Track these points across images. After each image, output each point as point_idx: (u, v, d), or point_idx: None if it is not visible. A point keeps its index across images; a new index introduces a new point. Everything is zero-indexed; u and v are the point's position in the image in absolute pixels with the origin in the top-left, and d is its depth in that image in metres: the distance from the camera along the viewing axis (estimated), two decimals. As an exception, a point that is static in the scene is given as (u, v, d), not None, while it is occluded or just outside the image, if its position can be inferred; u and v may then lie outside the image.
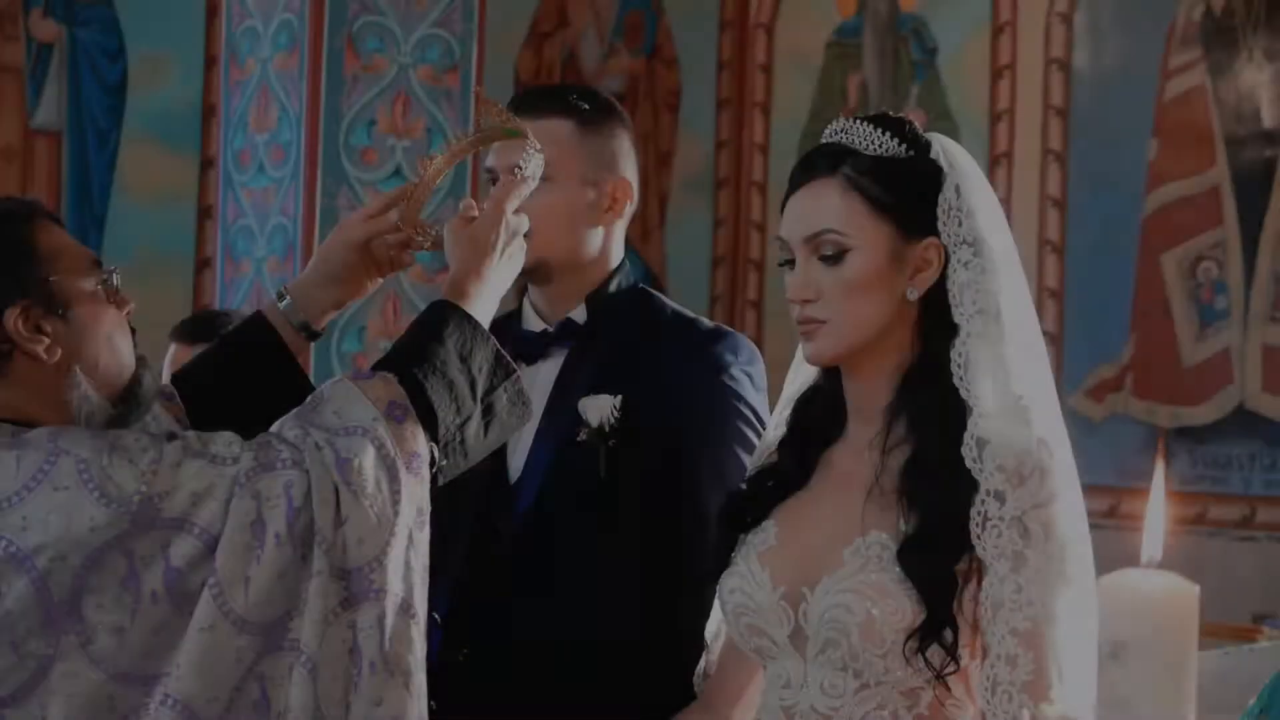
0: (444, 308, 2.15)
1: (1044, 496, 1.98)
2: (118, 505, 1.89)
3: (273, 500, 1.93)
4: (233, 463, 1.94)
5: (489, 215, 2.25)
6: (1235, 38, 6.32)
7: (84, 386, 2.02)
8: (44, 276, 2.00)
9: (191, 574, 1.90)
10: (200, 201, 6.53)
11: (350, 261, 2.33)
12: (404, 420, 2.00)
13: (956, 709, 2.03)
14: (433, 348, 2.09)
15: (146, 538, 1.90)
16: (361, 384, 2.02)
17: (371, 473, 1.95)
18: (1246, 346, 6.24)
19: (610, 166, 2.60)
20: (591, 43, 7.44)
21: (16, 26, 6.32)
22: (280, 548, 1.92)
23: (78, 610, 1.88)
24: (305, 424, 1.99)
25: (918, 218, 2.07)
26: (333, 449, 1.95)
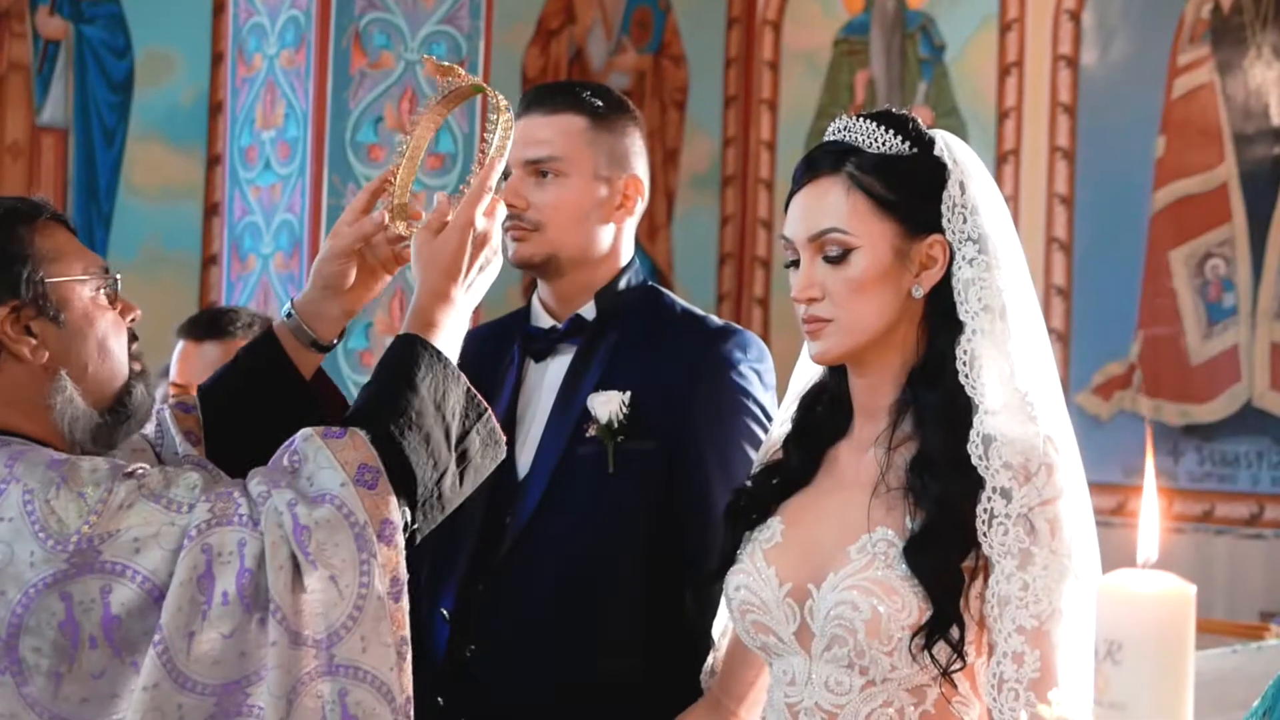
0: (412, 346, 2.05)
1: (1050, 493, 1.98)
2: (55, 543, 1.82)
3: (225, 556, 1.84)
4: (187, 510, 1.86)
5: (455, 226, 2.13)
6: (1244, 35, 6.31)
7: (69, 392, 1.98)
8: (38, 278, 1.97)
9: (132, 622, 1.83)
10: (207, 198, 6.53)
11: (345, 270, 2.25)
12: (375, 485, 1.90)
13: (963, 706, 2.03)
14: (407, 397, 1.99)
15: (85, 581, 1.82)
16: (331, 444, 1.92)
17: (334, 542, 1.86)
18: (1254, 344, 6.23)
19: (622, 163, 2.60)
20: (599, 39, 7.44)
21: (23, 24, 6.32)
22: (228, 606, 1.83)
23: (15, 650, 1.82)
24: (271, 483, 1.90)
25: (922, 215, 2.06)
26: (292, 515, 1.85)
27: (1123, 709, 1.24)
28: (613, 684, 2.50)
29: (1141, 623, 1.25)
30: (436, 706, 2.54)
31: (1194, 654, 1.27)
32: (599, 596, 2.52)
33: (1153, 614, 1.25)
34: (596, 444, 2.51)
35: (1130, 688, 1.24)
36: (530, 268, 2.61)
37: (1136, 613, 1.25)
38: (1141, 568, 1.28)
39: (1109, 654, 1.25)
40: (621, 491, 2.51)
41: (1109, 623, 1.26)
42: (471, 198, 2.15)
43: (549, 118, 2.57)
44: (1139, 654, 1.24)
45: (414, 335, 2.06)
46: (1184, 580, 1.26)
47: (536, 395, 2.59)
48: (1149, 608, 1.25)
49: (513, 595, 2.53)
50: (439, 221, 2.14)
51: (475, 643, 2.52)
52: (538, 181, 2.56)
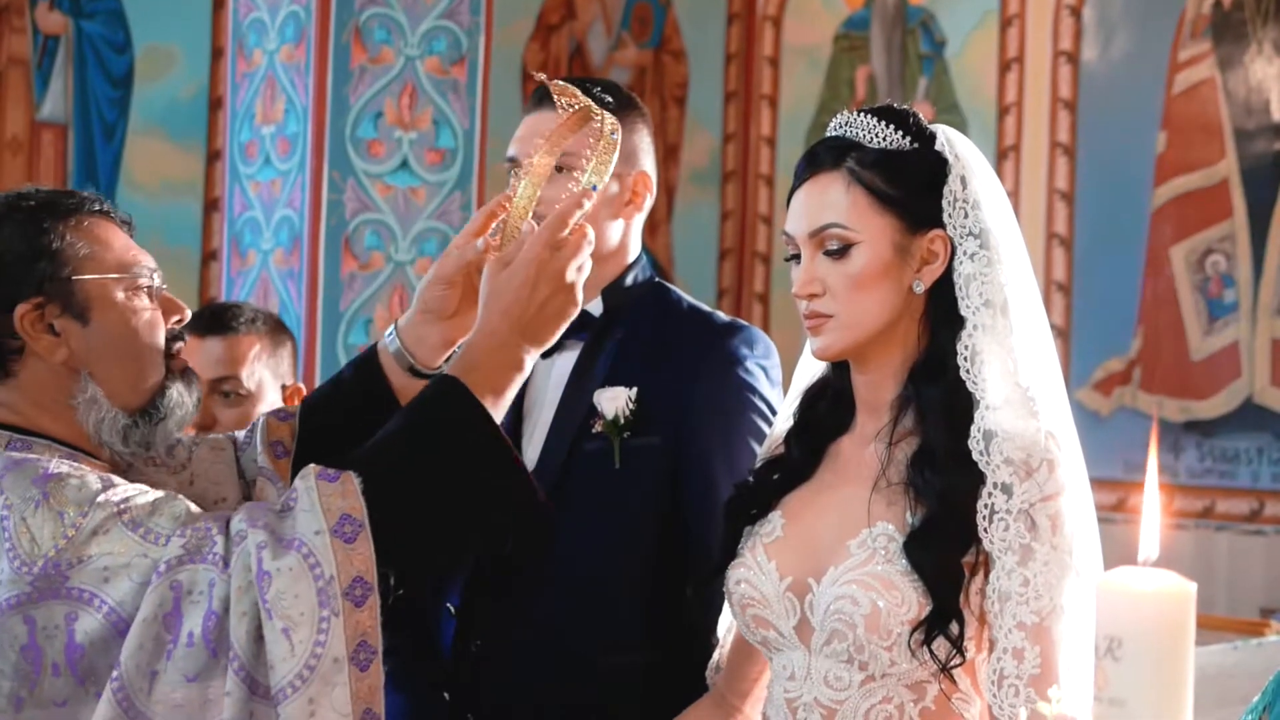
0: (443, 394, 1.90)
1: (1051, 489, 1.97)
2: (21, 564, 1.76)
3: (194, 596, 1.75)
4: (162, 544, 1.77)
5: (523, 260, 1.96)
6: (1245, 31, 6.30)
7: (92, 393, 1.94)
8: (66, 275, 1.93)
9: (95, 653, 1.75)
10: (206, 194, 6.53)
11: (448, 297, 2.13)
12: (354, 539, 1.76)
13: (963, 702, 2.02)
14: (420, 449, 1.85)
15: (50, 606, 1.76)
16: (322, 486, 1.80)
17: (294, 592, 1.73)
18: (1255, 340, 6.23)
19: (631, 160, 2.60)
20: (599, 35, 7.43)
21: (23, 19, 6.32)
22: (194, 648, 1.74)
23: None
24: (251, 521, 1.79)
25: (923, 210, 2.06)
26: (258, 558, 1.75)
27: (1122, 705, 1.24)
28: (618, 679, 2.50)
29: (1142, 619, 1.25)
30: (443, 702, 2.54)
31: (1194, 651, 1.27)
32: (605, 592, 2.52)
33: (1153, 611, 1.25)
34: (603, 440, 2.51)
35: (1130, 684, 1.24)
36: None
37: (1137, 609, 1.25)
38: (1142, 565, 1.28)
39: (1109, 650, 1.25)
40: (627, 487, 2.51)
41: (1109, 619, 1.26)
42: (545, 230, 1.98)
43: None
44: (1139, 651, 1.24)
45: (453, 379, 1.92)
46: (1184, 578, 1.26)
47: (543, 391, 2.59)
48: (1149, 605, 1.25)
49: (519, 590, 2.53)
50: (513, 252, 1.98)
51: (481, 638, 2.52)
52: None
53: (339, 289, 5.17)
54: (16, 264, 1.92)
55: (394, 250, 5.22)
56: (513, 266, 1.96)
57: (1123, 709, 1.24)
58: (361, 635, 1.75)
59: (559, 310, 1.98)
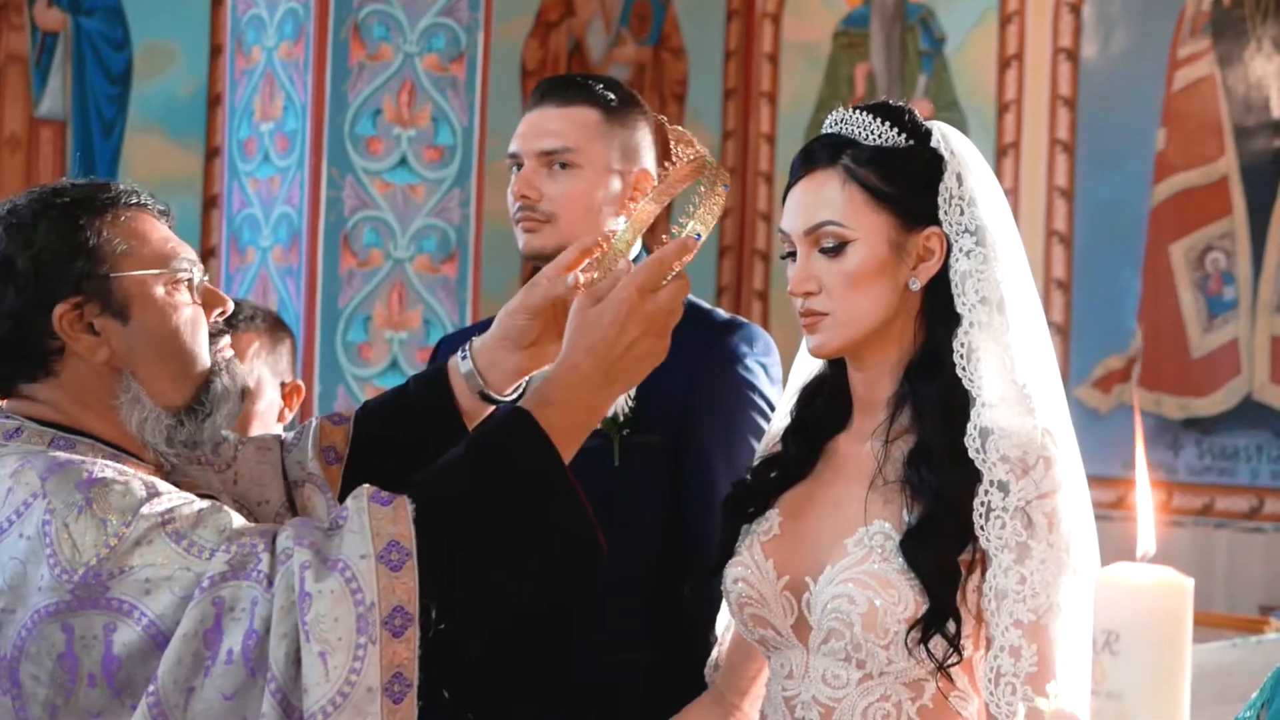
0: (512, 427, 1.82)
1: (1048, 486, 1.97)
2: (62, 571, 1.72)
3: (236, 613, 1.70)
4: (207, 557, 1.73)
5: (615, 299, 1.88)
6: (1244, 28, 6.30)
7: (135, 392, 1.90)
8: (104, 273, 1.88)
9: (132, 665, 1.71)
10: (205, 191, 6.53)
11: (529, 327, 2.08)
12: (400, 568, 1.70)
13: (960, 700, 2.02)
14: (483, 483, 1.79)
15: (89, 616, 1.72)
16: (374, 509, 1.74)
17: (334, 616, 1.68)
18: (1254, 337, 6.22)
19: (634, 157, 2.61)
20: (598, 32, 7.43)
21: (21, 16, 6.31)
22: (233, 665, 1.69)
23: (16, 672, 1.74)
24: (298, 539, 1.74)
25: (919, 207, 2.05)
26: (301, 579, 1.69)
27: (1120, 699, 1.24)
28: (618, 677, 2.50)
29: (1139, 614, 1.25)
30: (443, 700, 2.54)
31: (1191, 646, 1.27)
32: (604, 589, 2.52)
33: (1150, 605, 1.25)
34: (602, 437, 2.51)
35: (1127, 678, 1.24)
36: (541, 259, 2.61)
37: (1134, 604, 1.25)
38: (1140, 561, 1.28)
39: (1106, 645, 1.25)
40: (627, 485, 2.51)
41: (1107, 614, 1.26)
42: (642, 272, 1.90)
43: (562, 110, 2.58)
44: (1136, 645, 1.24)
45: (525, 413, 1.84)
46: (1181, 573, 1.26)
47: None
48: (1146, 599, 1.25)
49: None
50: (606, 289, 1.90)
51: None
52: (550, 173, 2.57)
53: (338, 286, 5.17)
54: (53, 263, 1.87)
55: (393, 247, 5.22)
56: (604, 304, 1.88)
57: (1120, 703, 1.24)
58: (398, 667, 1.70)
59: (646, 353, 1.90)
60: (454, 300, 5.30)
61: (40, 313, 1.87)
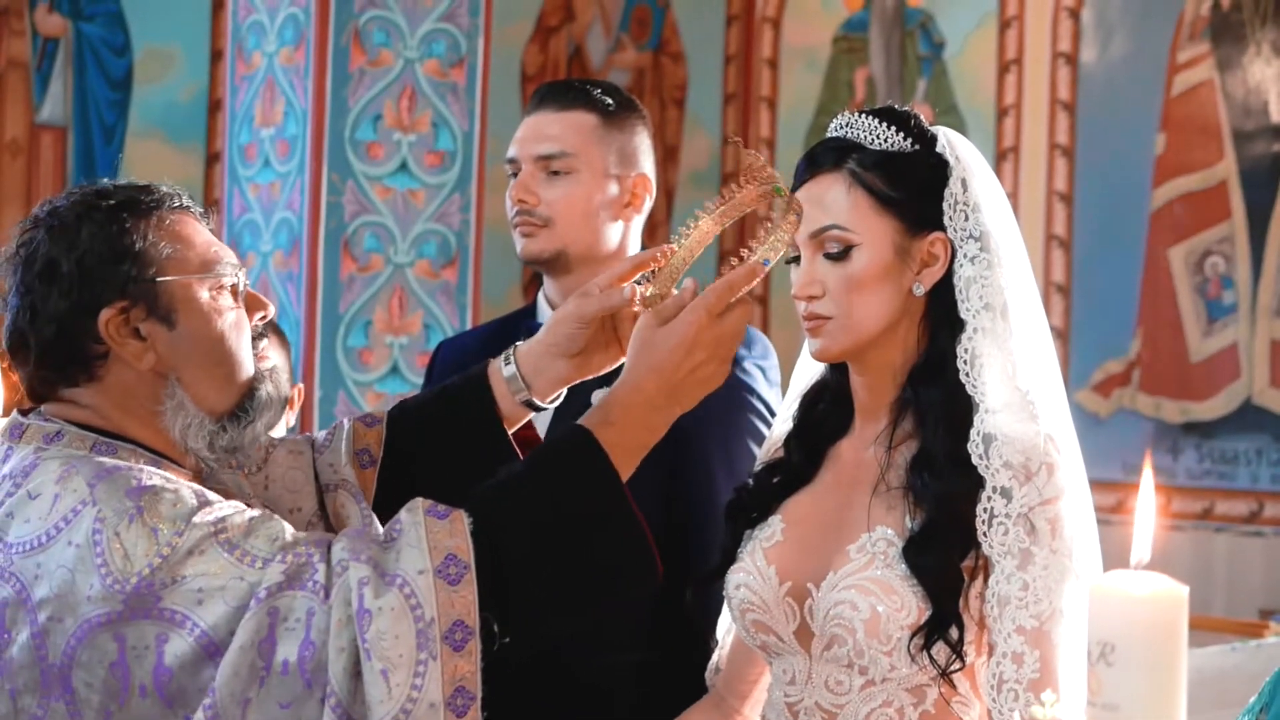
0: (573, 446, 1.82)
1: (1051, 492, 1.97)
2: (114, 581, 1.70)
3: (290, 624, 1.69)
4: (260, 567, 1.71)
5: (684, 320, 1.87)
6: (1243, 32, 6.30)
7: (180, 398, 1.87)
8: (150, 278, 1.85)
9: (184, 676, 1.70)
10: (206, 196, 6.53)
11: (578, 336, 2.05)
12: (459, 582, 1.69)
13: (963, 706, 2.02)
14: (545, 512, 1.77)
15: (140, 626, 1.70)
16: (430, 522, 1.73)
17: (395, 633, 1.67)
18: (1254, 341, 6.23)
19: (632, 161, 2.61)
20: (598, 37, 7.43)
21: (22, 21, 6.32)
22: (288, 676, 1.68)
23: (68, 680, 1.72)
24: (354, 553, 1.72)
25: (923, 212, 2.05)
26: (359, 595, 1.68)
27: (1115, 710, 1.24)
28: (618, 679, 2.50)
29: (1134, 624, 1.25)
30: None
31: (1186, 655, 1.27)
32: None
33: (1145, 615, 1.25)
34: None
35: (1123, 689, 1.24)
36: (539, 263, 2.61)
37: (1129, 614, 1.25)
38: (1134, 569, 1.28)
39: (1102, 655, 1.25)
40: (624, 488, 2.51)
41: (1102, 624, 1.26)
42: (712, 294, 1.89)
43: (560, 114, 2.59)
44: (1132, 655, 1.24)
45: (587, 432, 1.83)
46: (1177, 581, 1.26)
47: None
48: (1142, 609, 1.25)
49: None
50: (673, 310, 1.89)
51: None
52: (548, 178, 2.58)
53: (338, 291, 5.18)
54: (99, 266, 1.84)
55: (393, 252, 5.22)
56: (671, 325, 1.87)
57: (1116, 714, 1.25)
58: (460, 680, 1.69)
59: (709, 377, 1.89)
60: (454, 305, 5.30)
61: (86, 317, 1.84)
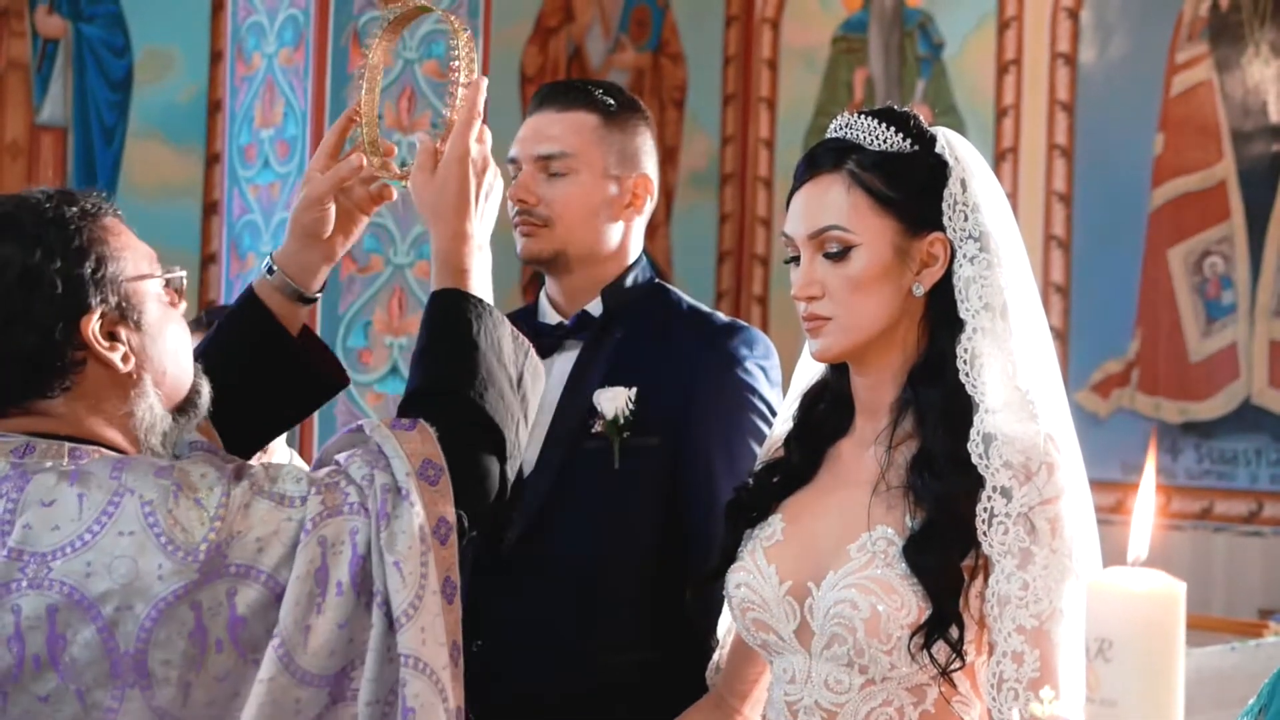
0: (457, 302, 2.02)
1: (1051, 492, 1.97)
2: (185, 554, 1.77)
3: (338, 547, 1.82)
4: (300, 504, 1.82)
5: (453, 159, 2.07)
6: (1242, 32, 6.31)
7: (151, 397, 1.92)
8: (117, 280, 1.89)
9: (255, 622, 1.79)
10: (206, 197, 6.53)
11: (324, 218, 2.19)
12: (437, 482, 1.87)
13: (963, 706, 2.02)
14: (473, 359, 1.98)
15: (213, 587, 1.78)
16: (399, 435, 1.88)
17: (401, 529, 1.83)
18: (1253, 341, 6.23)
19: (632, 162, 2.61)
20: (597, 38, 7.44)
21: (22, 22, 6.32)
22: (342, 596, 1.81)
23: (144, 664, 1.77)
24: (371, 464, 1.86)
25: (923, 212, 2.06)
26: (383, 501, 1.84)
27: (1114, 706, 1.25)
28: (618, 679, 2.51)
29: (1132, 620, 1.25)
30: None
31: (1184, 651, 1.27)
32: (604, 592, 2.53)
33: (1143, 612, 1.25)
34: (602, 440, 2.51)
35: (1121, 685, 1.25)
36: (539, 263, 2.62)
37: (1127, 610, 1.25)
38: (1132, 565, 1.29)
39: (1100, 652, 1.26)
40: (627, 487, 2.52)
41: (1100, 620, 1.26)
42: (462, 127, 2.08)
43: (561, 114, 2.59)
44: (1129, 651, 1.25)
45: (453, 289, 2.04)
46: (1174, 578, 1.26)
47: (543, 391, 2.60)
48: (1139, 606, 1.25)
49: (519, 590, 2.54)
50: (430, 160, 2.08)
51: (482, 637, 2.53)
52: (548, 178, 2.58)
53: (338, 292, 5.18)
54: (70, 277, 1.87)
55: (393, 253, 5.23)
56: (442, 170, 2.06)
57: (1114, 710, 1.25)
58: (446, 570, 1.85)
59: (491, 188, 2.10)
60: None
61: (68, 324, 1.86)
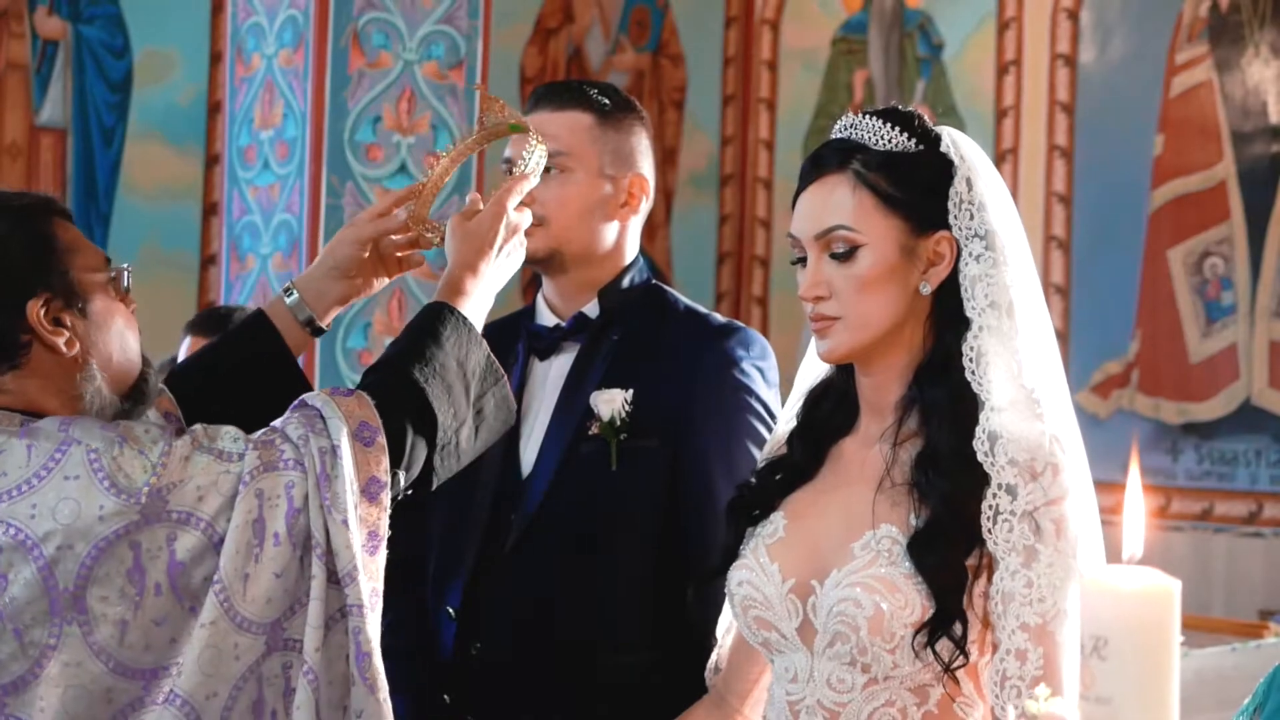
0: (440, 310, 2.17)
1: (1056, 493, 1.97)
2: (127, 496, 1.89)
3: (274, 500, 1.94)
4: (238, 459, 1.95)
5: (490, 211, 2.26)
6: (1242, 33, 6.31)
7: (98, 380, 2.04)
8: (65, 270, 2.03)
9: (194, 568, 1.91)
10: (205, 198, 6.53)
11: (358, 258, 2.35)
12: (371, 444, 2.00)
13: (967, 706, 2.02)
14: (432, 350, 2.11)
15: (153, 530, 1.90)
16: (337, 399, 2.02)
17: (344, 490, 1.96)
18: (1253, 342, 6.23)
19: (628, 162, 2.61)
20: (597, 39, 7.44)
21: (22, 24, 6.32)
22: (279, 547, 1.93)
23: (82, 601, 1.89)
24: (309, 427, 1.99)
25: (929, 212, 2.06)
26: (321, 463, 1.97)
27: (1108, 703, 1.25)
28: (617, 680, 2.51)
29: (1126, 618, 1.25)
30: (443, 703, 2.54)
31: (1178, 648, 1.27)
32: (603, 593, 2.53)
33: (1137, 610, 1.26)
34: (599, 442, 2.51)
35: (1116, 683, 1.25)
36: (534, 263, 2.62)
37: (1121, 608, 1.26)
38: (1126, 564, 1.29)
39: (1095, 649, 1.26)
40: (624, 489, 2.51)
41: (1094, 618, 1.27)
42: (507, 189, 2.29)
43: (556, 114, 2.59)
44: (1124, 649, 1.25)
45: (442, 302, 2.19)
46: (1168, 576, 1.27)
47: (540, 393, 2.60)
48: (1133, 603, 1.26)
49: (518, 592, 2.54)
50: (472, 209, 2.28)
51: (481, 640, 2.53)
52: (543, 177, 2.57)
53: (338, 293, 5.17)
54: (21, 260, 2.01)
55: (392, 254, 5.22)
56: (479, 217, 2.26)
57: (1109, 707, 1.25)
58: (372, 525, 1.98)
59: (517, 257, 2.29)
60: (454, 307, 5.30)
61: (14, 309, 2.00)
